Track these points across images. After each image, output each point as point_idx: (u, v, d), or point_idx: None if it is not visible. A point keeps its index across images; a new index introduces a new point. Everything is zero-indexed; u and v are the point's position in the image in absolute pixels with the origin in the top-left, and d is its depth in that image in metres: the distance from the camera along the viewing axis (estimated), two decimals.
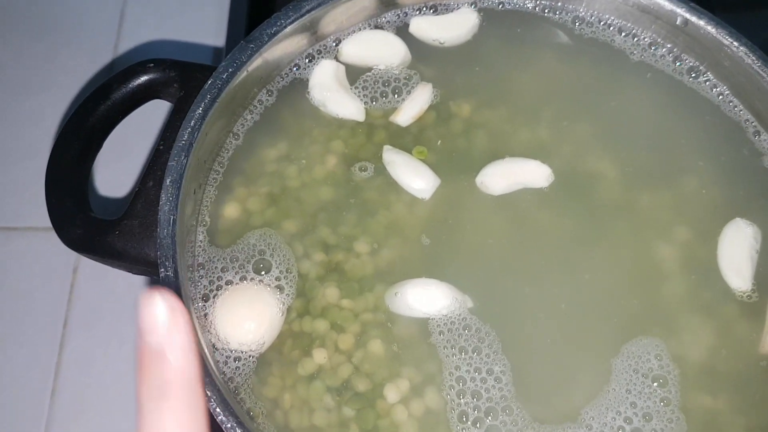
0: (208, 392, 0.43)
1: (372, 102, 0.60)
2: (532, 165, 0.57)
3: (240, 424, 0.43)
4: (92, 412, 0.74)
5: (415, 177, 0.57)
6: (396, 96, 0.60)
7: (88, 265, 0.80)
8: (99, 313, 0.79)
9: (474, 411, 0.50)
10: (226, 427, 0.43)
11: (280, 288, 0.53)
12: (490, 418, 0.50)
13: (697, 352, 0.52)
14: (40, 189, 0.54)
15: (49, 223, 0.53)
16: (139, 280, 0.78)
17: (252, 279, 0.52)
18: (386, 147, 0.58)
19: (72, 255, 0.79)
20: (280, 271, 0.53)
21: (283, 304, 0.52)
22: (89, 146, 0.55)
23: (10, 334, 0.78)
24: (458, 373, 0.51)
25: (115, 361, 0.77)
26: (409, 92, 0.60)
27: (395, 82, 0.61)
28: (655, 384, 0.51)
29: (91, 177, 0.81)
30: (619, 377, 0.51)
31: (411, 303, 0.52)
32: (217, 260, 0.53)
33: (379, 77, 0.61)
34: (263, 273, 0.53)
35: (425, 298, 0.53)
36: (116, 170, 0.81)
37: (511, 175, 0.57)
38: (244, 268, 0.53)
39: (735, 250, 0.54)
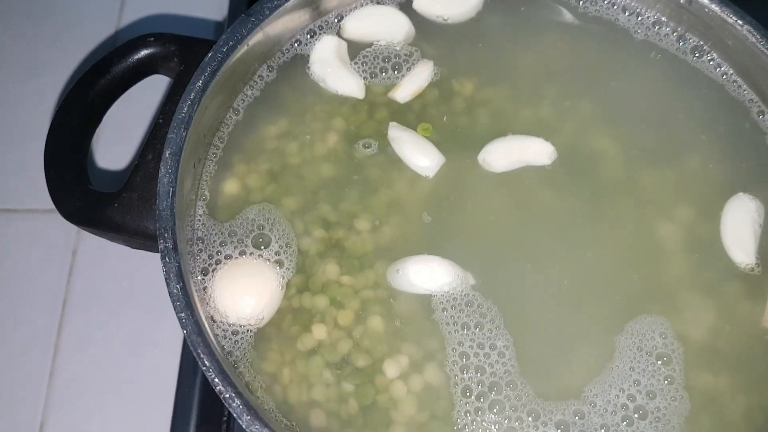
0: (206, 363, 0.43)
1: (371, 78, 0.60)
2: (534, 142, 0.57)
3: (238, 394, 0.42)
4: (90, 393, 0.73)
5: (419, 154, 0.56)
6: (396, 72, 0.60)
7: (88, 248, 0.80)
8: (98, 295, 0.79)
9: (478, 386, 0.50)
10: (224, 398, 0.43)
11: (279, 263, 0.52)
12: (494, 392, 0.49)
13: (701, 330, 0.52)
14: (41, 171, 0.54)
15: (49, 205, 0.53)
16: (139, 262, 0.77)
17: (251, 254, 0.52)
18: (392, 123, 0.57)
19: (72, 237, 0.79)
20: (280, 246, 0.53)
21: (283, 278, 0.51)
22: (89, 120, 0.55)
23: (10, 316, 0.77)
24: (461, 349, 0.50)
25: (114, 342, 0.76)
26: (409, 69, 0.60)
27: (395, 58, 0.60)
28: (659, 362, 0.50)
29: (91, 150, 0.81)
30: (623, 355, 0.51)
31: (413, 279, 0.52)
32: (216, 234, 0.53)
33: (379, 53, 0.60)
34: (262, 248, 0.52)
35: (427, 275, 0.52)
36: (116, 144, 0.81)
37: (513, 153, 0.57)
38: (243, 242, 0.53)
39: (738, 225, 0.53)
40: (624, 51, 0.61)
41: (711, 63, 0.60)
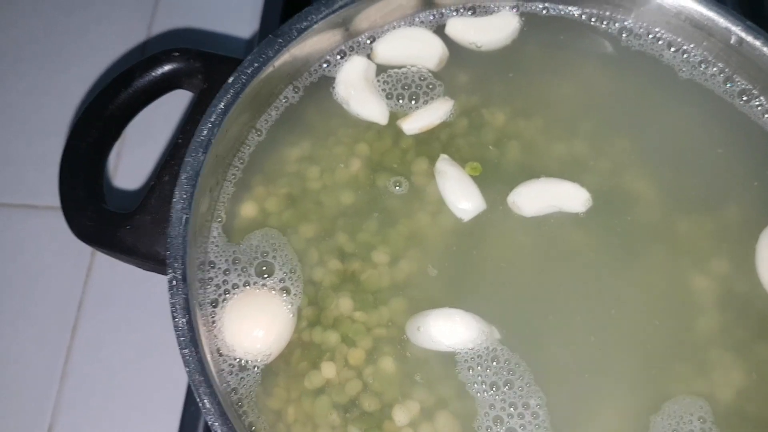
0: (207, 405, 0.41)
1: (386, 99, 0.58)
2: (569, 188, 0.54)
3: None
4: (100, 396, 0.73)
5: (462, 196, 0.54)
6: (412, 102, 0.57)
7: None
8: (114, 297, 0.78)
9: None
10: None
11: (286, 290, 0.51)
12: None
13: (731, 389, 0.49)
14: None
15: None
16: None
17: (255, 283, 0.50)
18: (443, 156, 0.55)
19: None
20: (284, 273, 0.51)
21: (292, 305, 0.50)
22: (107, 134, 0.53)
23: (24, 313, 0.77)
24: (494, 413, 0.48)
25: (127, 346, 0.75)
26: (425, 102, 0.57)
27: (416, 87, 0.58)
28: None
29: (107, 166, 0.80)
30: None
31: (434, 336, 0.50)
32: (227, 260, 0.51)
33: (401, 78, 0.58)
34: (266, 276, 0.51)
35: (449, 331, 0.50)
36: (134, 160, 0.80)
37: (545, 197, 0.54)
38: (246, 271, 0.51)
39: None
40: (667, 89, 0.58)
41: (759, 108, 0.57)
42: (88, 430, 0.72)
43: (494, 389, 0.49)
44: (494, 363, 0.49)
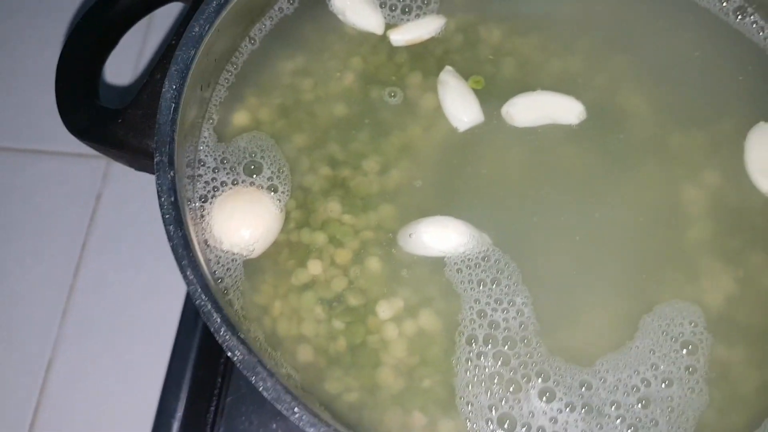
0: (190, 276, 0.42)
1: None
2: (564, 100, 0.54)
3: (218, 308, 0.41)
4: (101, 334, 0.73)
5: (461, 106, 0.54)
6: (403, 14, 0.57)
7: (112, 193, 0.80)
8: (117, 240, 0.78)
9: (486, 339, 0.48)
10: (203, 311, 0.41)
11: (273, 188, 0.51)
12: (507, 346, 0.47)
13: (720, 296, 0.49)
14: None
15: (77, 149, 0.51)
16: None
17: (243, 181, 0.50)
18: (447, 68, 0.55)
19: (97, 182, 0.80)
20: (272, 172, 0.52)
21: (280, 201, 0.50)
22: (105, 40, 0.54)
23: (30, 253, 0.78)
24: (479, 306, 0.48)
25: (129, 288, 0.76)
26: (417, 16, 0.57)
27: (410, 0, 0.58)
28: (684, 351, 0.47)
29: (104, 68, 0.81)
30: (645, 335, 0.48)
31: (426, 242, 0.50)
32: (217, 159, 0.52)
33: None
34: (254, 175, 0.51)
35: (441, 237, 0.50)
36: (130, 62, 0.80)
37: (540, 108, 0.54)
38: (235, 170, 0.51)
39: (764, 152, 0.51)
40: (664, 8, 0.57)
41: (754, 26, 0.56)
42: (86, 364, 0.72)
43: (481, 286, 0.48)
44: (484, 261, 0.49)
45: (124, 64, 0.81)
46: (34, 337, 0.74)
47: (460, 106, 0.54)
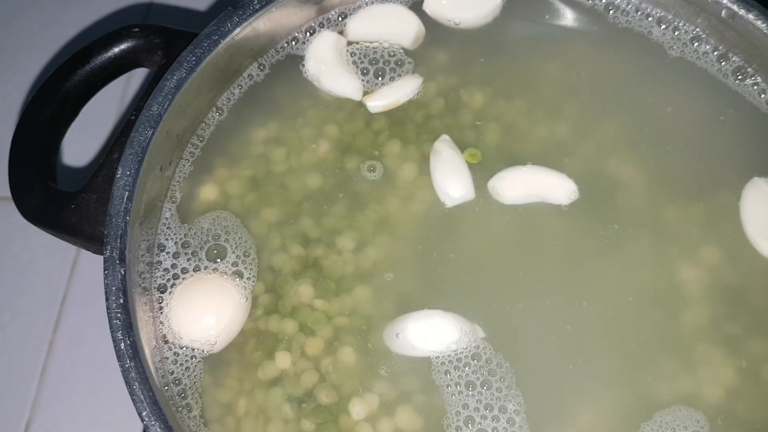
0: (141, 396, 0.38)
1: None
2: (555, 178, 0.50)
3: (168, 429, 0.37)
4: (79, 392, 0.71)
5: (453, 181, 0.51)
6: (377, 78, 0.54)
7: None
8: (99, 291, 0.76)
9: None
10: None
11: (238, 273, 0.48)
12: None
13: (721, 389, 0.46)
14: None
15: None
16: None
17: (206, 267, 0.47)
18: (444, 136, 0.52)
19: None
20: (237, 256, 0.48)
21: (245, 289, 0.47)
22: (62, 114, 0.51)
23: (8, 306, 0.76)
24: (466, 413, 0.45)
25: (109, 343, 0.73)
26: (392, 79, 0.54)
27: (383, 63, 0.55)
28: None
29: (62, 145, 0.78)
30: None
31: (415, 343, 0.46)
32: (178, 243, 0.49)
33: (369, 52, 0.55)
34: (218, 260, 0.48)
35: (431, 336, 0.46)
36: (90, 139, 0.78)
37: (529, 185, 0.50)
38: (197, 255, 0.48)
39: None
40: (656, 68, 0.54)
41: (755, 88, 0.53)
42: (66, 425, 0.70)
43: (470, 389, 0.45)
44: (474, 361, 0.46)
45: (94, 132, 0.78)
46: (12, 396, 0.72)
47: (451, 180, 0.51)
